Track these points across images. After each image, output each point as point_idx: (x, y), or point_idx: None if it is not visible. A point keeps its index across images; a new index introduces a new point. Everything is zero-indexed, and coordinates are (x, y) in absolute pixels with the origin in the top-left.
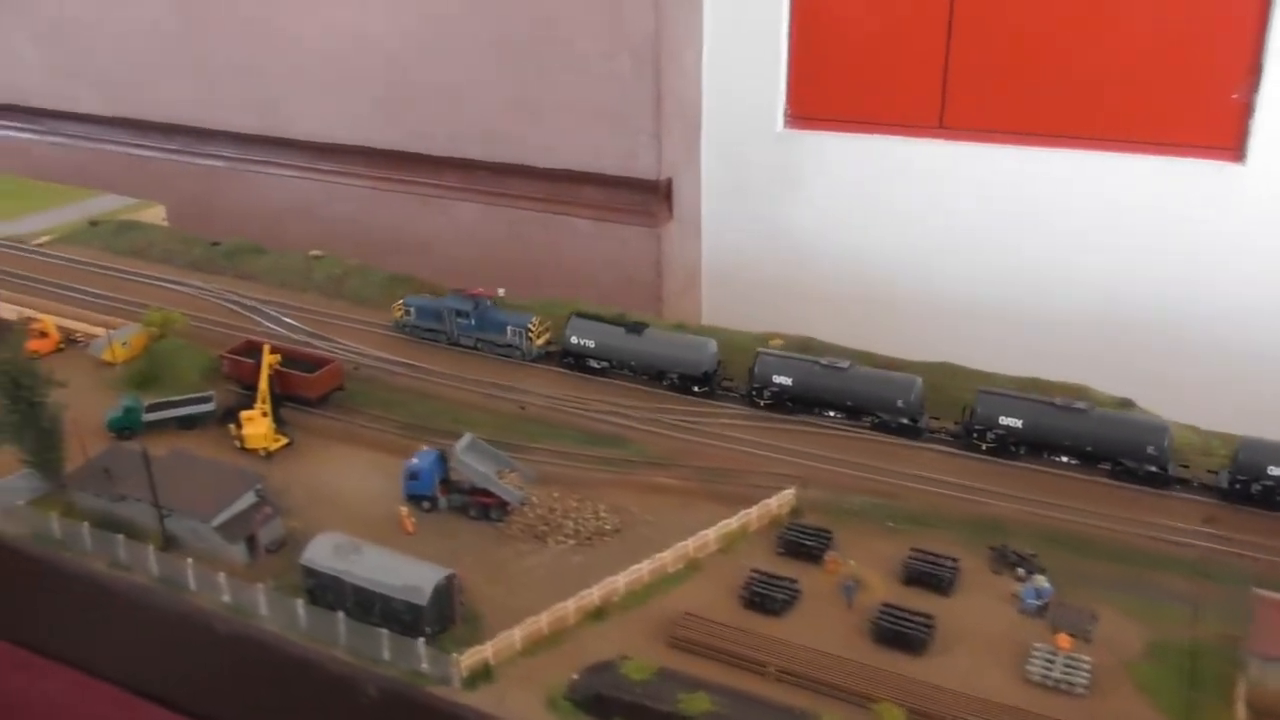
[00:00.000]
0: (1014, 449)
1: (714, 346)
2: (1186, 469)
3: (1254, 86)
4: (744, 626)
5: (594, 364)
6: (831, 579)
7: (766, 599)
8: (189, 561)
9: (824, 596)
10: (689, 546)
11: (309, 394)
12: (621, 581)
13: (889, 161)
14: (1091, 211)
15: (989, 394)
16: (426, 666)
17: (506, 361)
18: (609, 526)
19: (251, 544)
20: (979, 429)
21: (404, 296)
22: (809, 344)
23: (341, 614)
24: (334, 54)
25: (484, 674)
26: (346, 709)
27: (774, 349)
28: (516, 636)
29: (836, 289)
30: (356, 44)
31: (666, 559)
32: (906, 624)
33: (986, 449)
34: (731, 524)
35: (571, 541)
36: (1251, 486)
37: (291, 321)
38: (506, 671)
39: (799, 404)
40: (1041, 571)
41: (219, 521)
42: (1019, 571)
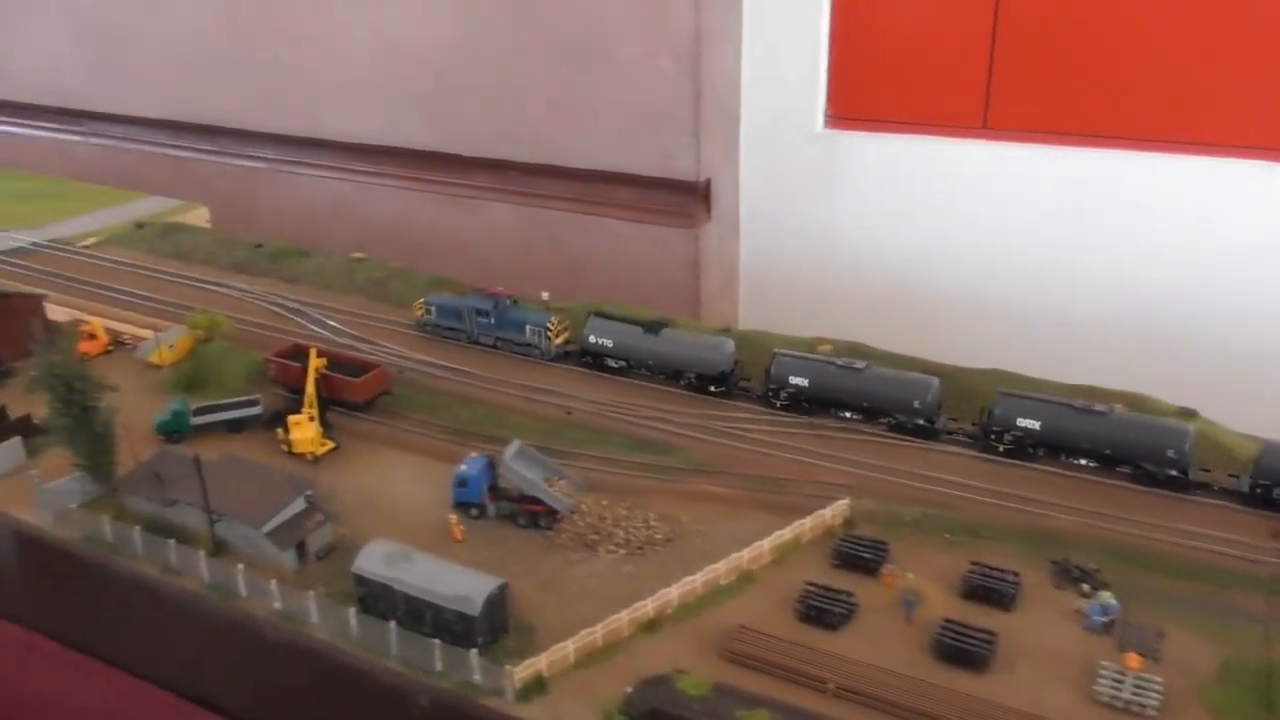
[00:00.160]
0: (1032, 450)
1: (731, 347)
2: (1208, 473)
3: None
4: (801, 641)
5: (612, 363)
6: (888, 592)
7: (823, 612)
8: (240, 567)
9: (881, 610)
10: (743, 558)
11: (355, 398)
12: (675, 593)
13: (932, 162)
14: (1143, 214)
15: (1008, 395)
16: (479, 678)
17: (549, 366)
18: (659, 536)
19: (301, 550)
20: (996, 430)
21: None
22: (857, 349)
23: (393, 623)
24: (373, 56)
25: (537, 686)
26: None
27: (821, 352)
28: (570, 649)
29: (877, 292)
30: (396, 46)
31: (720, 570)
32: (969, 640)
33: (1004, 450)
34: (785, 535)
35: (622, 551)
36: (1273, 491)
37: (335, 324)
38: (560, 684)
39: (815, 404)
40: (1106, 587)
41: (269, 527)
42: (1083, 587)
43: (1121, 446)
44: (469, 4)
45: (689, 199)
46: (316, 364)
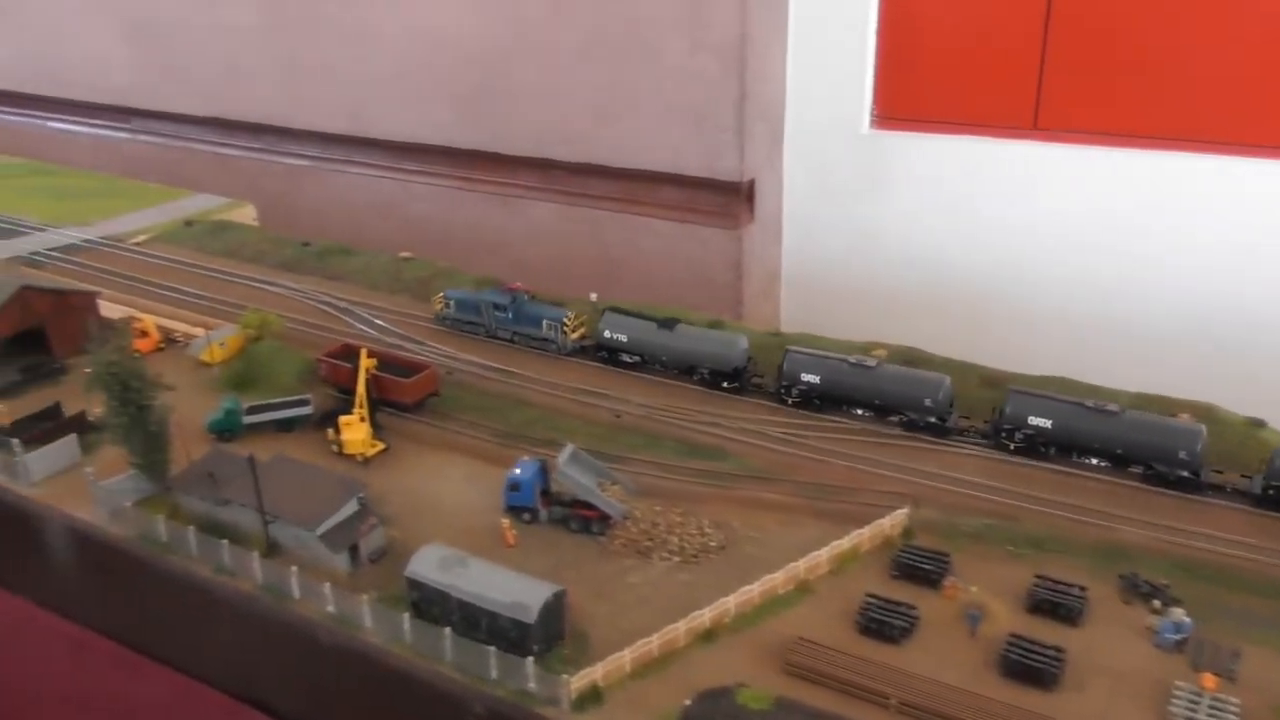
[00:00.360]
0: (1043, 449)
1: (745, 343)
2: (1220, 474)
3: None
4: (861, 654)
5: (626, 358)
6: (951, 605)
7: (884, 625)
8: (293, 570)
9: (943, 624)
10: (800, 567)
11: (405, 399)
12: (732, 603)
13: (980, 164)
14: (1198, 218)
15: (1020, 393)
16: (535, 686)
17: (602, 368)
18: (714, 544)
19: (354, 553)
20: (1008, 428)
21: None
22: (911, 355)
23: (447, 629)
24: (418, 55)
25: (593, 696)
26: None
27: (876, 357)
28: (627, 658)
29: (923, 296)
30: (440, 45)
31: (777, 580)
32: (1036, 656)
33: (1015, 449)
34: (843, 544)
35: (676, 558)
36: None
37: (383, 324)
38: (616, 695)
39: (827, 401)
40: (1177, 603)
41: (322, 530)
42: (1154, 603)
43: (1133, 447)
44: (514, 3)
45: (732, 199)
46: (367, 364)
